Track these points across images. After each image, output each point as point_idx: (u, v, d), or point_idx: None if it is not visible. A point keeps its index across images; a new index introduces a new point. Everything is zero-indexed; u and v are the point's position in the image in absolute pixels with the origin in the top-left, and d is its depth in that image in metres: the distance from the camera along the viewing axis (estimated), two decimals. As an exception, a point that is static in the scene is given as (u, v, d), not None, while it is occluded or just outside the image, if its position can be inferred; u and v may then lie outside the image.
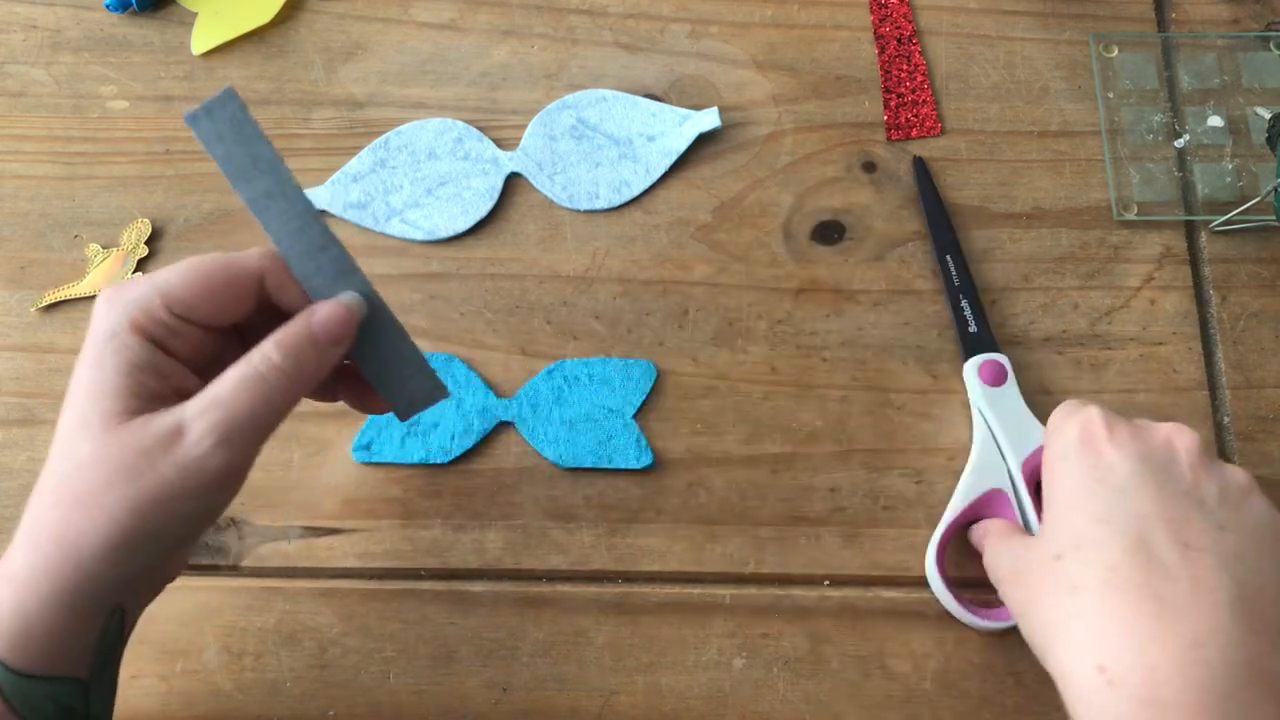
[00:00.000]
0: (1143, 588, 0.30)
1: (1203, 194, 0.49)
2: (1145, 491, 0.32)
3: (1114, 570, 0.31)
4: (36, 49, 0.52)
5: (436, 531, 0.44)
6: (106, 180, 0.50)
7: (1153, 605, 0.30)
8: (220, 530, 0.44)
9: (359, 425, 0.45)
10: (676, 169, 0.50)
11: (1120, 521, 0.32)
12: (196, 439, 0.30)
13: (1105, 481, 0.33)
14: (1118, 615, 0.30)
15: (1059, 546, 0.33)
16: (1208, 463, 0.35)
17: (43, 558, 0.30)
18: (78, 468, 0.30)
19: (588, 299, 0.48)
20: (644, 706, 0.42)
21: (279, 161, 0.31)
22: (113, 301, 0.31)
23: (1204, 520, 0.32)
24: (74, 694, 0.31)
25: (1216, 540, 0.32)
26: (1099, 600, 0.30)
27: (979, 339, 0.45)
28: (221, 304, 0.32)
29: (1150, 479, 0.33)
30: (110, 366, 0.30)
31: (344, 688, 0.42)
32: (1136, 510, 0.32)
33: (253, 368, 0.31)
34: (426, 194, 0.49)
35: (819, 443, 0.45)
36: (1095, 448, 0.34)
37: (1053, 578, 0.32)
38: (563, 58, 0.52)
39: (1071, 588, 0.31)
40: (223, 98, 0.30)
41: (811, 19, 0.52)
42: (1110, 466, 0.33)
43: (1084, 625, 0.30)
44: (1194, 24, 0.52)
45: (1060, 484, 0.34)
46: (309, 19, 0.53)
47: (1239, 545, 0.32)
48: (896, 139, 0.50)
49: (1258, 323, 0.47)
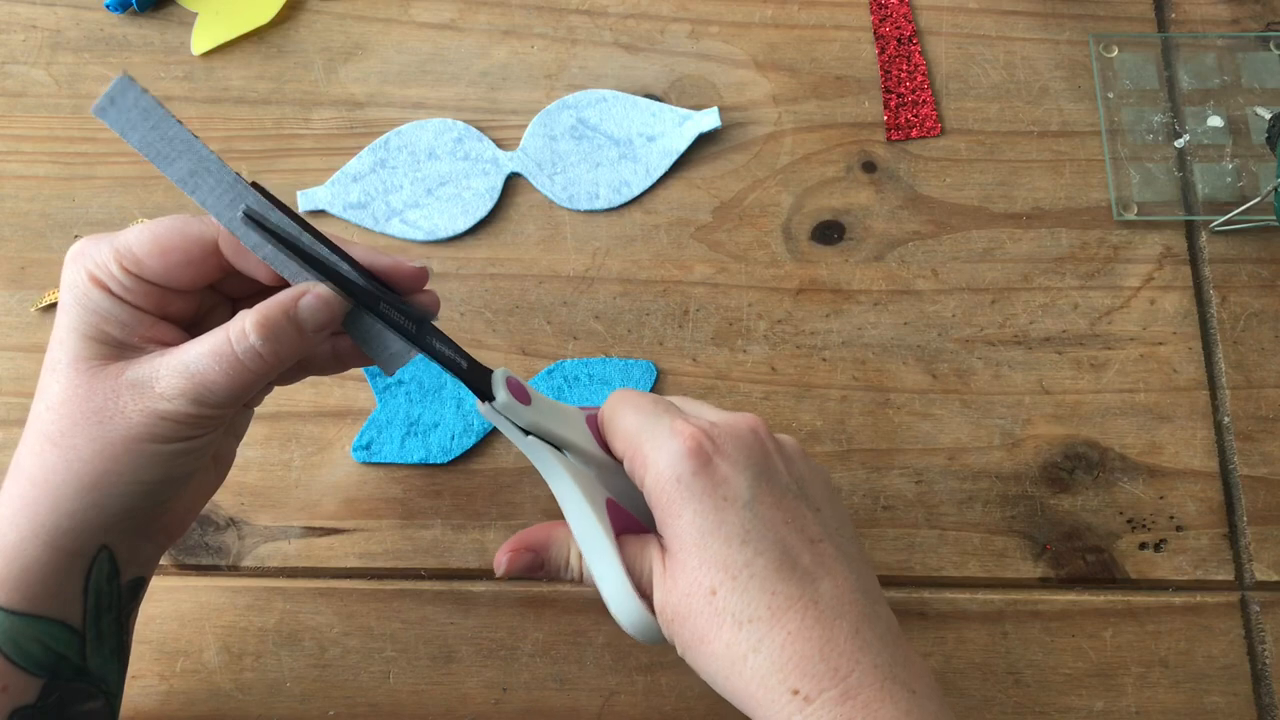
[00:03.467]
0: (801, 599, 0.30)
1: (1203, 194, 0.49)
2: (765, 498, 0.32)
3: (774, 594, 0.30)
4: (36, 49, 0.52)
5: (436, 531, 0.44)
6: (106, 180, 0.50)
7: (814, 612, 0.30)
8: (220, 530, 0.44)
9: (359, 425, 0.45)
10: (676, 169, 0.50)
11: (758, 538, 0.31)
12: (165, 392, 0.30)
13: (730, 499, 0.31)
14: (794, 636, 0.30)
15: (710, 579, 0.30)
16: (778, 445, 0.34)
17: (20, 495, 0.31)
18: (48, 408, 0.31)
19: (588, 299, 0.48)
20: (644, 706, 0.42)
21: (194, 139, 0.31)
22: (76, 255, 0.32)
23: (807, 508, 0.32)
24: (65, 640, 0.31)
25: (821, 524, 0.32)
26: (771, 627, 0.30)
27: (472, 371, 0.34)
28: (173, 264, 0.32)
29: (764, 483, 0.32)
30: (74, 315, 0.31)
31: (344, 688, 0.42)
32: (766, 520, 0.31)
33: (229, 346, 0.31)
34: (426, 194, 0.49)
35: (819, 443, 0.45)
36: (709, 466, 0.31)
37: (715, 614, 0.30)
38: (563, 58, 0.52)
39: (738, 622, 0.30)
40: (120, 85, 0.30)
41: (811, 19, 0.52)
42: (727, 480, 0.31)
43: (765, 656, 0.30)
44: (1194, 24, 0.52)
45: (684, 511, 0.31)
46: (309, 19, 0.53)
47: (828, 519, 0.33)
48: (896, 139, 0.50)
49: (1258, 323, 0.47)
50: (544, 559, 0.34)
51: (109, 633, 0.33)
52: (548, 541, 0.35)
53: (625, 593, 0.32)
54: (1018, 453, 0.45)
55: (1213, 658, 0.43)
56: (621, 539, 0.33)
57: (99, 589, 0.32)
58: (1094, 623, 0.43)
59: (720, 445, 0.32)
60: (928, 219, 0.49)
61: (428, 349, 0.33)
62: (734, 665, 0.30)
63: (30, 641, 0.31)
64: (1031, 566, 0.44)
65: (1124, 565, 0.44)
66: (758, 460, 0.32)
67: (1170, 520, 0.45)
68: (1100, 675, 0.43)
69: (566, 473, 0.33)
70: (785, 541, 0.31)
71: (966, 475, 0.45)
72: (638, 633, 0.32)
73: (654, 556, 0.32)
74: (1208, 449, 0.46)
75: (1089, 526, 0.45)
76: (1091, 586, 0.44)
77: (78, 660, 0.32)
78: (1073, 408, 0.46)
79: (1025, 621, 0.43)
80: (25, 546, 0.30)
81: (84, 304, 0.31)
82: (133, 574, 0.34)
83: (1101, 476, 0.45)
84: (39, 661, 0.31)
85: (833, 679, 0.29)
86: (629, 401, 0.34)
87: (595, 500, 0.33)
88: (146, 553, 0.34)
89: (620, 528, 0.33)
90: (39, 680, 0.31)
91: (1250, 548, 0.44)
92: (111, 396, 0.30)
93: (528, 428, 0.34)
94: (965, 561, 0.44)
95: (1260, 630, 0.43)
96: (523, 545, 0.34)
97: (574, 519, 0.33)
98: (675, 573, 0.31)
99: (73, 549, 0.31)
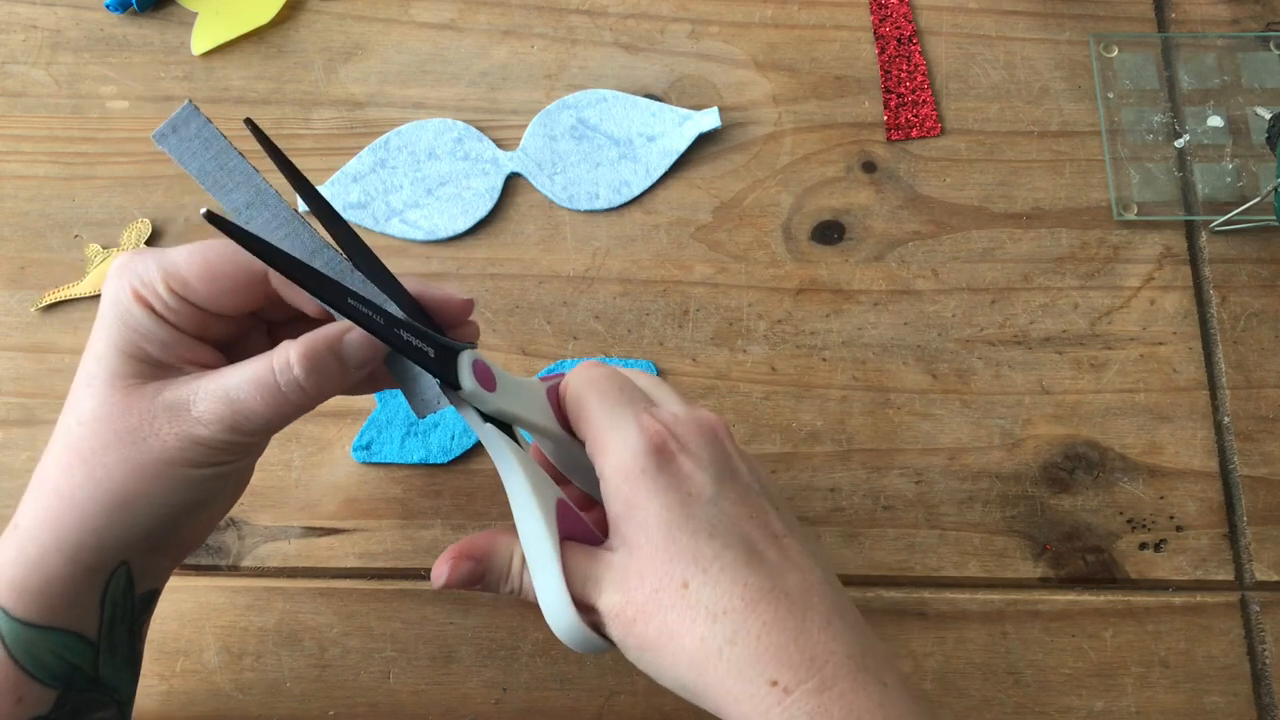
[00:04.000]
0: (773, 591, 0.30)
1: (1203, 194, 0.49)
2: (729, 494, 0.32)
3: (746, 585, 0.30)
4: (36, 49, 0.52)
5: (436, 531, 0.44)
6: (106, 180, 0.50)
7: (787, 604, 0.30)
8: (220, 530, 0.44)
9: (359, 425, 0.45)
10: (676, 169, 0.50)
11: (725, 532, 0.31)
12: (203, 417, 0.30)
13: (695, 495, 0.31)
14: (770, 626, 0.29)
15: (682, 572, 0.30)
16: (737, 447, 0.34)
17: (45, 509, 0.30)
18: (80, 423, 0.30)
19: (588, 299, 0.48)
20: (644, 706, 0.42)
21: (253, 173, 0.31)
22: (121, 269, 0.31)
23: (768, 503, 0.32)
24: (79, 651, 0.31)
25: (783, 521, 0.32)
26: (746, 618, 0.29)
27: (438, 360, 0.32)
28: (221, 290, 0.31)
29: (726, 480, 0.32)
30: (115, 330, 0.31)
31: (344, 688, 0.42)
32: (731, 515, 0.31)
33: (272, 376, 0.30)
34: (426, 194, 0.49)
35: (819, 442, 0.45)
36: (673, 462, 0.31)
37: (687, 608, 0.30)
38: (563, 58, 0.52)
39: (712, 614, 0.29)
40: (185, 114, 0.30)
41: (811, 19, 0.52)
42: (690, 476, 0.31)
43: (741, 647, 0.29)
44: (1194, 24, 0.52)
45: (649, 504, 0.31)
46: (309, 19, 0.53)
47: (787, 516, 0.33)
48: (896, 139, 0.50)
49: (1258, 323, 0.47)
50: (485, 568, 0.33)
51: (122, 643, 0.33)
52: (489, 549, 0.33)
53: (562, 598, 0.31)
54: (1018, 453, 0.45)
55: (1213, 658, 0.43)
56: (566, 545, 0.32)
57: (115, 602, 0.32)
58: (1094, 623, 0.43)
59: (685, 442, 0.32)
60: (928, 219, 0.49)
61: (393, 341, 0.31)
62: (708, 659, 0.29)
63: (46, 653, 0.30)
64: (1031, 566, 0.44)
65: (1124, 565, 0.44)
66: (720, 458, 0.32)
67: (1170, 520, 0.45)
68: (1100, 675, 0.43)
69: (520, 468, 0.32)
70: (749, 536, 0.31)
71: (966, 475, 0.45)
72: (571, 640, 0.32)
73: (605, 559, 0.31)
74: (1208, 449, 0.46)
75: (1089, 526, 0.45)
76: (1091, 586, 0.44)
77: (91, 670, 0.32)
78: (1073, 408, 0.46)
79: (1025, 621, 0.43)
80: (47, 560, 0.30)
81: (126, 320, 0.31)
82: (147, 587, 0.33)
83: (1101, 476, 0.45)
84: (54, 673, 0.31)
85: (809, 669, 0.29)
86: (595, 384, 0.34)
87: (545, 499, 0.32)
88: (161, 566, 0.34)
89: (568, 531, 0.32)
90: (54, 691, 0.31)
91: (1250, 548, 0.44)
92: (147, 417, 0.30)
93: (491, 413, 0.33)
94: (965, 561, 0.44)
95: (1260, 630, 0.43)
96: (463, 554, 0.33)
97: (520, 516, 0.32)
98: (641, 569, 0.31)
99: (93, 564, 0.31)
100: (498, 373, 0.33)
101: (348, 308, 0.29)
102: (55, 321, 0.48)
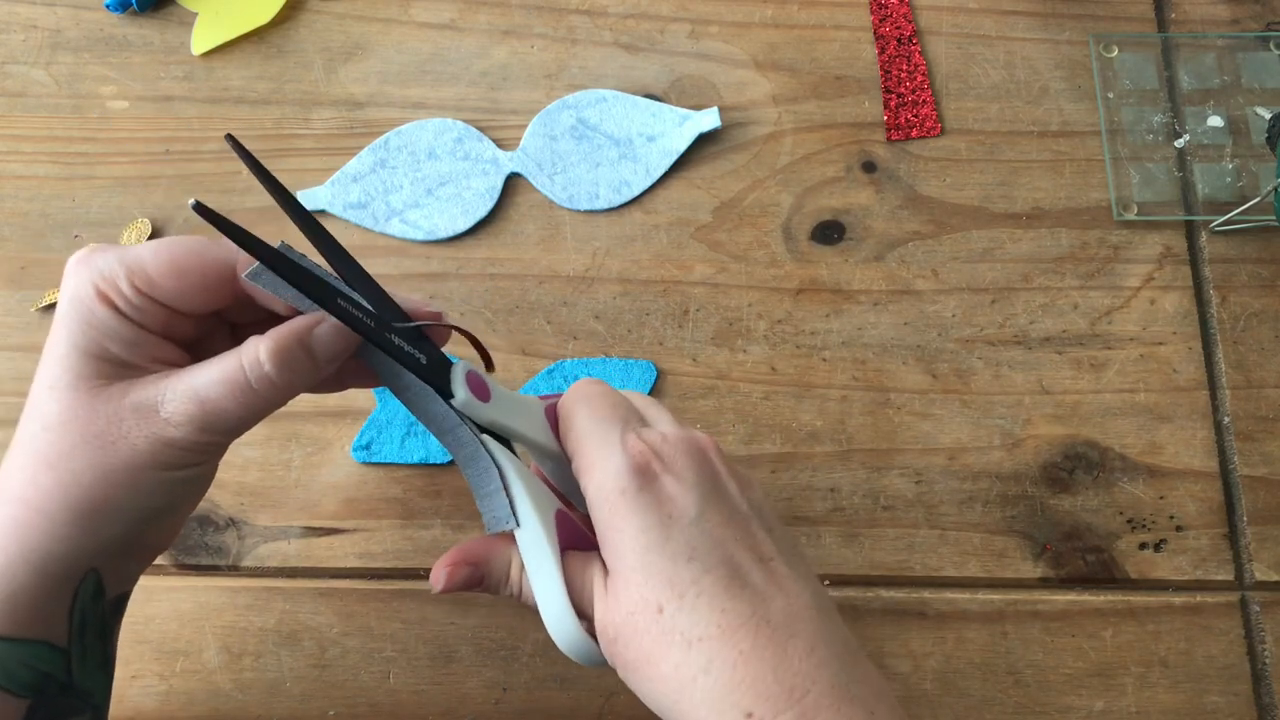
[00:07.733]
0: (754, 618, 0.29)
1: (1203, 194, 0.49)
2: (714, 515, 0.31)
3: (724, 611, 0.29)
4: (36, 49, 0.52)
5: (436, 531, 0.44)
6: (106, 180, 0.50)
7: (768, 632, 0.29)
8: (220, 530, 0.44)
9: (359, 425, 0.45)
10: (676, 169, 0.50)
11: (705, 555, 0.30)
12: (173, 418, 0.29)
13: (676, 516, 0.30)
14: (747, 656, 0.29)
15: (656, 596, 0.29)
16: (731, 468, 0.33)
17: (10, 519, 0.29)
18: (45, 429, 0.29)
19: (588, 299, 0.48)
20: (644, 707, 0.42)
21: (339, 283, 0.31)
22: (80, 266, 0.30)
23: (759, 527, 0.31)
24: (50, 660, 0.30)
25: (775, 543, 0.31)
26: (723, 646, 0.29)
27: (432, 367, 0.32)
28: (188, 287, 0.30)
29: (713, 501, 0.31)
30: (77, 330, 0.29)
31: (344, 688, 0.42)
32: (715, 538, 0.30)
33: (242, 373, 0.29)
34: (426, 194, 0.49)
35: (819, 442, 0.45)
36: (655, 483, 0.31)
37: (662, 633, 0.29)
38: (563, 58, 0.52)
39: (687, 641, 0.29)
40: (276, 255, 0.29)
41: (811, 19, 0.52)
42: (673, 498, 0.30)
43: (716, 677, 0.28)
44: (1194, 24, 0.52)
45: (626, 526, 0.30)
46: (309, 19, 0.53)
47: (780, 538, 0.32)
48: (896, 139, 0.50)
49: (1258, 323, 0.47)
50: (483, 574, 0.33)
51: (93, 649, 0.32)
52: (488, 555, 0.33)
53: (563, 610, 0.30)
54: (1018, 453, 0.45)
55: (1212, 658, 0.43)
56: (566, 554, 0.32)
57: (84, 609, 0.31)
58: (1094, 623, 0.43)
59: (669, 463, 0.31)
60: (928, 219, 0.49)
61: (385, 345, 0.31)
62: (683, 687, 0.29)
63: (16, 665, 0.30)
64: (1031, 566, 0.44)
65: (1124, 565, 0.44)
66: (707, 478, 0.31)
67: (1170, 520, 0.45)
68: (1100, 675, 0.43)
69: (519, 479, 0.32)
70: (734, 559, 0.30)
71: (966, 475, 0.45)
72: (573, 652, 0.31)
73: (596, 573, 0.31)
74: (1208, 449, 0.46)
75: (1089, 526, 0.45)
76: (1091, 586, 0.44)
77: (63, 678, 0.31)
78: (1073, 408, 0.46)
79: (1025, 621, 0.43)
80: (14, 572, 0.29)
81: (88, 319, 0.30)
82: (116, 591, 0.33)
83: (1101, 476, 0.45)
84: (25, 683, 0.30)
85: (788, 700, 0.28)
86: (587, 401, 0.33)
87: (544, 510, 0.32)
88: (131, 570, 0.33)
89: (568, 542, 0.32)
90: (25, 701, 0.30)
91: (1250, 548, 0.44)
92: (114, 420, 0.29)
93: (486, 425, 0.32)
94: (965, 561, 0.44)
95: (1260, 630, 0.43)
96: (462, 559, 0.33)
97: (520, 528, 0.32)
98: (617, 590, 0.30)
99: (62, 574, 0.30)
100: (494, 386, 0.33)
101: (337, 308, 0.29)
102: (55, 321, 0.48)
